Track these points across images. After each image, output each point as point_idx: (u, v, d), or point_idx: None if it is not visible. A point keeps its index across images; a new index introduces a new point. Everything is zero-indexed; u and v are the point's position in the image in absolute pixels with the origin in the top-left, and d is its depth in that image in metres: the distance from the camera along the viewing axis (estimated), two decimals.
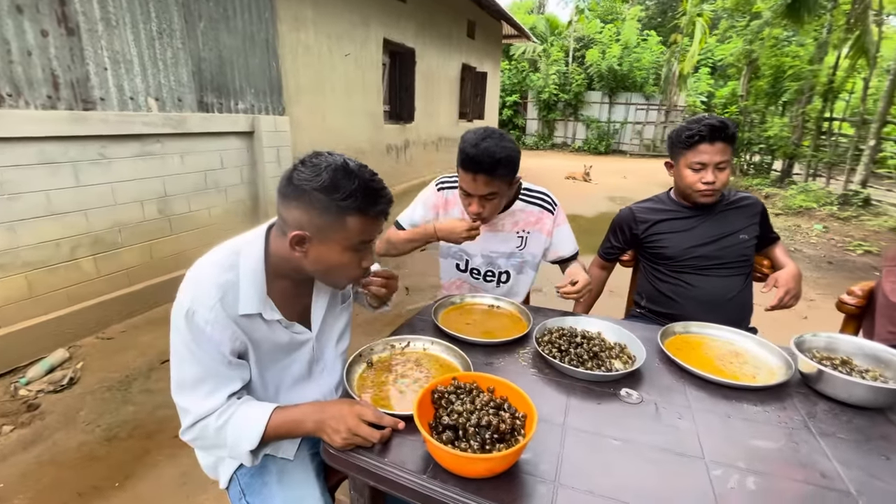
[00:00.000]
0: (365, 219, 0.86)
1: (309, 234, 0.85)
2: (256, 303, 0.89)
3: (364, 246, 0.90)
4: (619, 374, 1.00)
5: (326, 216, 0.83)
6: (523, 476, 0.75)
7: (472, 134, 1.31)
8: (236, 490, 1.00)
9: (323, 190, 0.82)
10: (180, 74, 2.99)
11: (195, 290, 0.85)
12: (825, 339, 1.08)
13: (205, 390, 0.87)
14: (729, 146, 1.42)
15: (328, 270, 0.91)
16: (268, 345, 0.95)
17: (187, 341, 0.85)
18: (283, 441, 1.00)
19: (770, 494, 0.72)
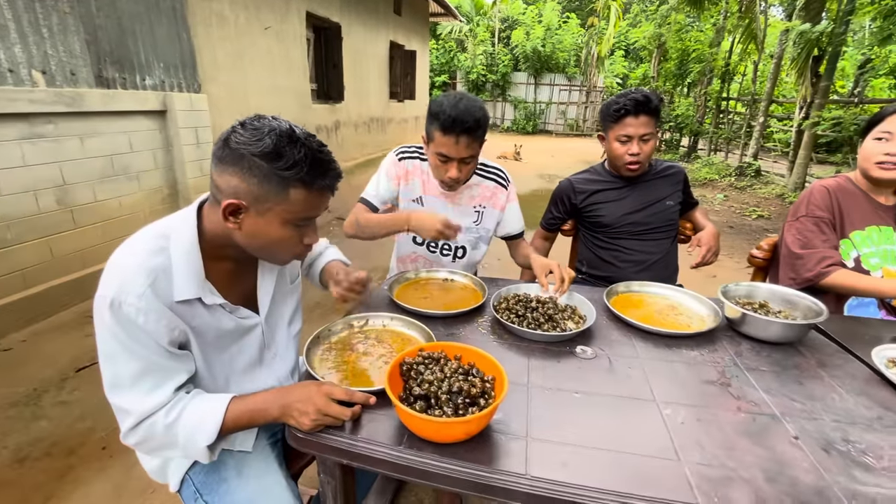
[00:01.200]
0: (309, 192, 0.79)
1: (245, 204, 0.77)
2: (194, 287, 0.81)
3: (306, 222, 0.83)
4: (573, 332, 1.05)
5: (266, 185, 0.76)
6: (496, 436, 0.77)
7: (446, 98, 1.29)
8: (190, 491, 0.92)
9: (264, 156, 0.74)
10: (71, 44, 2.61)
11: (119, 279, 0.76)
12: (745, 288, 1.21)
13: (146, 386, 0.78)
14: (653, 119, 1.51)
15: (265, 246, 0.83)
16: (212, 332, 0.87)
17: (117, 335, 0.75)
18: (238, 433, 0.94)
19: (714, 425, 0.80)
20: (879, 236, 1.38)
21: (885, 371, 0.92)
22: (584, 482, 0.67)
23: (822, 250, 1.35)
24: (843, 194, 1.43)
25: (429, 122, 1.32)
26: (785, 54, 6.06)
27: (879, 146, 1.32)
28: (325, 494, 0.88)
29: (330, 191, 0.83)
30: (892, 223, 1.38)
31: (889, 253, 1.36)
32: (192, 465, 0.94)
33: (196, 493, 0.91)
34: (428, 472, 0.72)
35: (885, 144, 1.31)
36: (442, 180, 1.40)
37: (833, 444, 0.76)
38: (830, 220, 1.40)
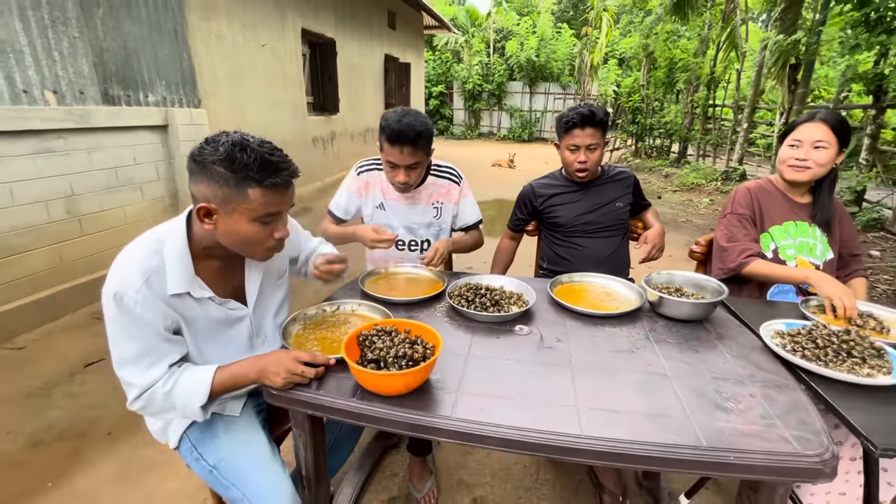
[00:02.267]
0: (264, 190, 0.90)
1: (214, 207, 0.90)
2: (184, 282, 0.96)
3: (271, 217, 0.95)
4: (512, 314, 1.23)
5: (227, 187, 0.89)
6: (433, 390, 0.95)
7: (392, 113, 1.49)
8: (187, 447, 1.10)
9: (221, 162, 0.87)
10: (80, 65, 2.83)
11: (121, 276, 0.92)
12: (665, 276, 1.39)
13: (145, 364, 0.95)
14: (599, 130, 1.70)
15: (241, 243, 0.96)
16: (203, 322, 1.03)
17: (121, 322, 0.92)
18: (228, 401, 1.11)
19: (612, 382, 0.98)
20: (796, 230, 1.55)
21: (767, 340, 1.10)
22: (494, 422, 0.85)
23: (744, 243, 1.53)
24: (763, 194, 1.61)
25: (379, 134, 1.52)
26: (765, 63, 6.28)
27: (791, 151, 1.50)
28: (297, 445, 1.06)
29: (282, 187, 0.93)
30: (806, 219, 1.56)
31: (804, 244, 1.54)
32: (189, 426, 1.11)
33: (192, 448, 1.09)
34: (376, 417, 0.90)
35: (795, 150, 1.49)
36: (393, 183, 1.60)
37: (705, 395, 0.93)
38: (751, 216, 1.58)
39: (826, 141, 1.45)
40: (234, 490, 1.01)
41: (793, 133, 1.51)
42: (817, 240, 1.54)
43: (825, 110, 1.51)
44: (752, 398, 0.92)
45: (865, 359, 0.99)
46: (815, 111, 1.51)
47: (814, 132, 1.45)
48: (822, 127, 1.45)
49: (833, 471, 0.76)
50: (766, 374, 1.00)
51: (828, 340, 1.05)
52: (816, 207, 1.56)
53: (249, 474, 1.02)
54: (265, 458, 1.06)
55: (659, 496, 1.59)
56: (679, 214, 6.17)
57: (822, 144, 1.45)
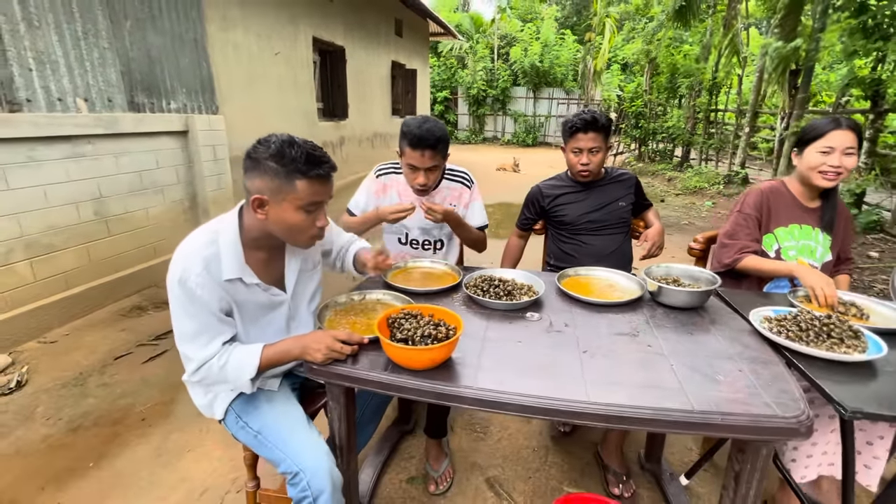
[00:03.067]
0: (309, 181, 1.03)
1: (266, 198, 1.03)
2: (237, 269, 1.10)
3: (314, 207, 1.08)
4: (524, 302, 1.35)
5: (278, 180, 1.02)
6: (455, 366, 1.07)
7: (413, 120, 1.63)
8: (233, 417, 1.23)
9: (273, 158, 1.01)
10: (109, 75, 2.99)
11: (184, 262, 1.06)
12: (664, 269, 1.51)
13: (202, 341, 1.09)
14: (601, 134, 1.82)
15: (288, 230, 1.08)
16: (250, 305, 1.18)
17: (183, 303, 1.06)
18: (267, 379, 1.25)
19: (615, 360, 1.10)
20: (800, 233, 1.64)
21: (756, 324, 1.21)
22: (512, 390, 0.97)
23: (742, 241, 1.64)
24: (775, 196, 1.67)
25: (401, 139, 1.66)
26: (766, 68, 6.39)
27: (823, 158, 1.52)
28: (332, 417, 1.18)
29: (325, 178, 1.07)
30: (813, 223, 1.63)
31: (805, 247, 1.63)
32: (234, 399, 1.24)
33: (237, 418, 1.22)
34: (405, 387, 1.02)
35: (828, 157, 1.51)
36: (412, 185, 1.74)
37: (697, 370, 1.05)
38: (758, 217, 1.65)
39: (854, 147, 1.50)
40: (277, 451, 1.14)
41: (822, 140, 1.52)
42: (819, 243, 1.62)
43: (845, 117, 1.55)
44: (740, 372, 1.03)
45: (843, 339, 1.11)
46: (836, 117, 1.55)
47: (844, 139, 1.49)
48: (850, 134, 1.49)
49: (808, 430, 0.88)
50: (753, 353, 1.12)
51: (810, 324, 1.16)
52: (826, 211, 1.62)
53: (290, 437, 1.14)
54: (302, 424, 1.18)
55: (660, 476, 1.70)
56: (682, 217, 6.28)
57: (852, 151, 1.50)
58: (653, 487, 1.70)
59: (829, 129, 1.51)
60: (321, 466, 1.10)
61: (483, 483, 1.71)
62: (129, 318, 2.97)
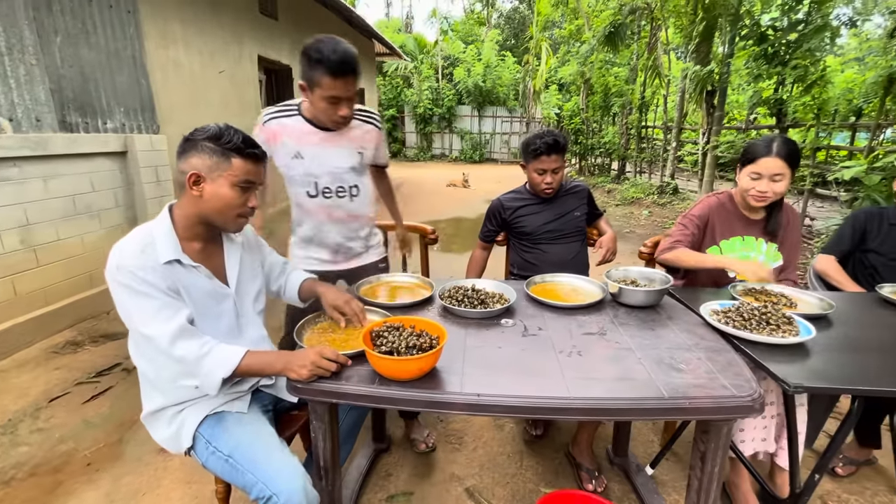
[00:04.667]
0: (244, 159, 1.10)
1: (202, 174, 1.09)
2: (172, 251, 1.10)
3: (248, 185, 1.13)
4: (498, 310, 1.41)
5: (214, 157, 1.09)
6: (441, 374, 1.10)
7: (320, 44, 1.40)
8: (202, 444, 1.18)
9: (211, 139, 1.09)
10: (36, 93, 2.77)
11: (118, 253, 1.06)
12: (623, 272, 1.63)
13: (164, 316, 1.06)
14: (561, 155, 1.95)
15: (221, 207, 1.11)
16: (197, 292, 1.15)
17: (129, 287, 1.04)
18: (235, 401, 1.22)
19: (588, 357, 1.17)
20: (742, 244, 1.78)
21: (707, 317, 1.34)
22: (498, 393, 1.01)
23: (675, 237, 1.79)
24: (719, 209, 1.80)
25: (311, 69, 1.42)
26: (686, 89, 7.05)
27: (752, 183, 1.66)
28: (315, 437, 1.16)
29: (259, 160, 1.14)
30: (756, 234, 1.77)
31: (747, 258, 1.78)
32: (201, 423, 1.18)
33: (206, 443, 1.17)
34: (395, 398, 1.03)
35: (757, 182, 1.66)
36: (335, 120, 1.55)
37: (662, 361, 1.15)
38: (699, 226, 1.79)
39: (782, 173, 1.61)
40: (249, 475, 1.10)
41: (753, 165, 1.64)
42: (762, 253, 1.76)
43: (780, 141, 1.63)
44: (699, 360, 1.14)
45: (779, 325, 1.26)
46: (770, 139, 1.64)
47: (772, 166, 1.60)
48: (779, 161, 1.59)
49: (761, 407, 0.99)
50: (707, 343, 1.24)
51: (751, 314, 1.31)
52: (770, 223, 1.75)
53: (263, 460, 1.11)
54: (275, 444, 1.15)
55: (628, 468, 1.79)
56: (623, 226, 6.70)
57: (779, 178, 1.61)
58: (622, 480, 1.79)
59: (761, 156, 1.62)
60: (296, 488, 1.07)
61: (463, 493, 1.72)
62: (63, 355, 2.71)
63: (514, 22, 23.30)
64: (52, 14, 2.86)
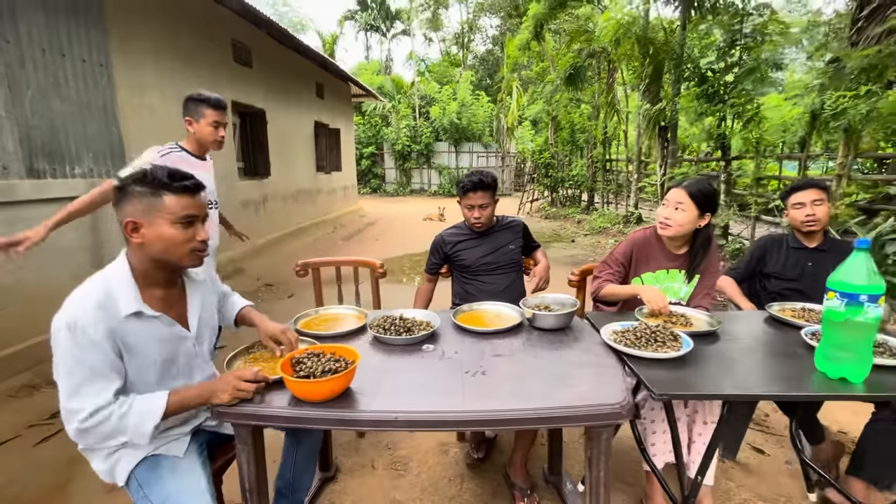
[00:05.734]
0: (176, 195, 1.09)
1: (138, 220, 1.08)
2: (134, 304, 1.10)
3: (188, 220, 1.12)
4: (420, 336, 1.54)
5: (145, 200, 1.08)
6: (355, 395, 1.21)
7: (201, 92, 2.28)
8: (135, 485, 1.20)
9: (137, 182, 1.08)
10: (5, 143, 2.90)
11: (75, 307, 1.05)
12: (539, 298, 1.79)
13: (97, 388, 1.07)
14: (488, 192, 2.13)
15: (168, 247, 1.10)
16: (151, 341, 1.15)
17: (71, 350, 1.04)
18: (171, 442, 1.24)
19: (493, 377, 1.30)
20: (666, 277, 1.94)
21: (604, 337, 1.49)
22: (401, 408, 1.13)
23: (605, 277, 1.96)
24: (644, 245, 1.95)
25: (197, 106, 2.22)
26: (641, 125, 7.51)
27: (661, 209, 1.87)
28: (240, 460, 1.25)
29: (193, 192, 1.13)
30: (679, 267, 1.92)
31: (669, 288, 1.93)
32: (137, 465, 1.19)
33: (139, 486, 1.19)
34: (307, 418, 1.14)
35: (664, 210, 1.86)
36: (217, 140, 2.30)
37: (558, 377, 1.28)
38: (623, 262, 1.95)
39: (684, 204, 1.76)
40: None
41: (666, 195, 1.85)
42: (682, 283, 1.92)
43: (692, 180, 1.81)
44: (589, 375, 1.29)
45: (665, 342, 1.41)
46: (683, 179, 1.84)
47: (675, 196, 1.79)
48: (682, 192, 1.77)
49: (628, 413, 1.13)
50: (600, 360, 1.39)
51: (643, 333, 1.47)
52: (692, 257, 1.88)
53: None
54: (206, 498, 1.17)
55: (561, 486, 1.89)
56: (590, 255, 6.95)
57: (682, 207, 1.77)
58: (555, 497, 1.88)
59: (672, 187, 1.83)
60: None
61: None
62: (18, 399, 2.71)
63: (489, 63, 24.47)
64: (24, 69, 3.03)
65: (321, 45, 20.01)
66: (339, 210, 10.62)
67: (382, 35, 24.16)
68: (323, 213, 9.50)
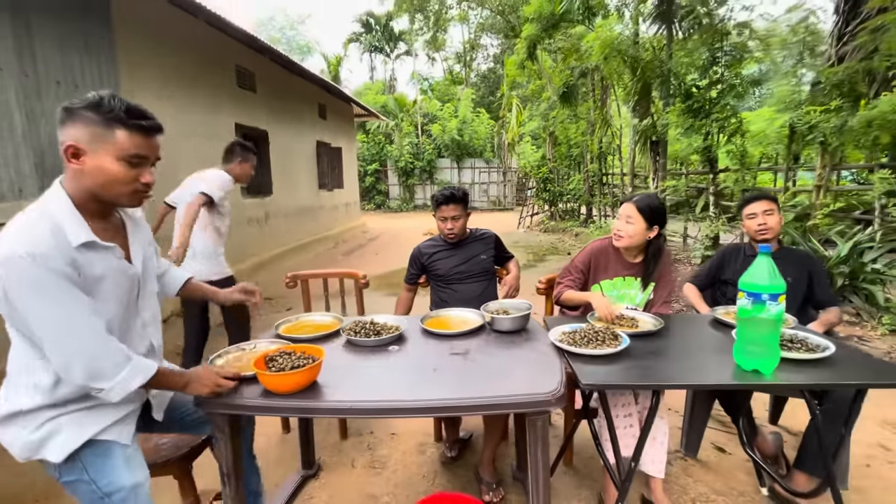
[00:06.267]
0: (129, 131, 1.00)
1: (82, 146, 0.99)
2: (85, 233, 1.01)
3: (138, 160, 1.03)
4: (387, 338, 1.69)
5: (94, 128, 0.98)
6: (320, 388, 1.37)
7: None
8: (77, 467, 1.12)
9: (90, 107, 0.99)
10: (21, 167, 3.15)
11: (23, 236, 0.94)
12: (499, 304, 1.95)
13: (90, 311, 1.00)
14: (460, 205, 2.31)
15: (107, 182, 1.02)
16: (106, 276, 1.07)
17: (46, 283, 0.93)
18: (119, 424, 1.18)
19: (445, 373, 1.45)
20: (622, 284, 2.08)
21: (552, 337, 1.64)
22: (357, 399, 1.29)
23: (565, 283, 2.12)
24: (600, 254, 2.11)
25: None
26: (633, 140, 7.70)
27: (615, 223, 2.04)
28: (218, 446, 1.40)
29: (149, 132, 1.04)
30: (635, 274, 2.07)
31: (625, 294, 2.08)
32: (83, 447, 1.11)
33: (83, 469, 1.12)
34: (276, 407, 1.30)
35: (617, 222, 2.03)
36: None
37: (503, 372, 1.43)
38: (583, 270, 2.10)
39: (633, 217, 1.91)
40: None
41: (619, 208, 2.06)
42: (638, 290, 2.06)
43: (642, 195, 1.96)
44: (532, 370, 1.43)
45: (605, 340, 1.56)
46: (634, 195, 2.08)
47: (626, 210, 1.96)
48: (632, 207, 1.93)
49: (558, 402, 1.27)
50: (544, 357, 1.53)
51: (587, 333, 1.62)
52: (644, 267, 2.03)
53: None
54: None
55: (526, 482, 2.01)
56: None
57: (631, 220, 1.93)
58: (520, 492, 2.00)
59: (624, 202, 2.01)
60: None
61: None
62: None
63: (490, 81, 24.98)
64: (40, 99, 3.30)
65: (326, 66, 20.61)
66: (342, 226, 10.86)
67: (386, 56, 24.83)
68: (325, 230, 9.73)
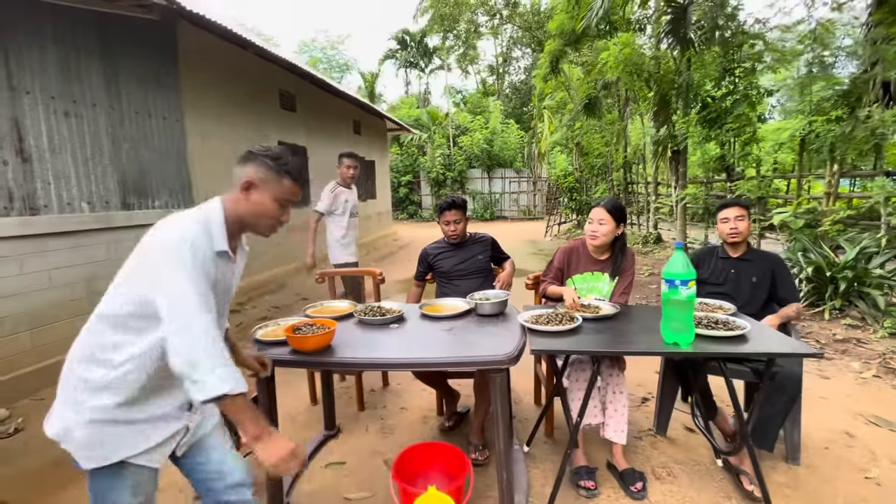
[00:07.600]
0: (293, 182, 1.28)
1: (255, 182, 1.23)
2: (224, 243, 1.21)
3: (286, 203, 1.29)
4: (389, 318, 2.12)
5: (269, 173, 1.24)
6: (335, 349, 1.80)
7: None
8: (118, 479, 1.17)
9: (271, 157, 1.26)
10: (108, 183, 3.84)
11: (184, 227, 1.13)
12: (483, 293, 2.33)
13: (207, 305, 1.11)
14: (459, 211, 2.73)
15: (260, 213, 1.26)
16: (222, 284, 1.25)
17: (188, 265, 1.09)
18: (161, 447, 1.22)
19: (430, 341, 1.86)
20: (591, 277, 2.43)
21: (521, 319, 2.00)
22: (359, 356, 1.72)
23: (547, 280, 2.48)
24: (572, 252, 2.47)
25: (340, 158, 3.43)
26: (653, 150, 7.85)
27: (587, 226, 2.39)
28: (261, 397, 1.86)
29: (299, 183, 1.30)
30: (603, 270, 2.41)
31: (594, 287, 2.42)
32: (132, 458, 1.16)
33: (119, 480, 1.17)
34: (301, 361, 1.75)
35: (589, 226, 2.37)
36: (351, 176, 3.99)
37: (475, 343, 1.82)
38: (559, 268, 2.46)
39: (605, 219, 2.26)
40: None
41: (590, 215, 2.40)
42: (605, 283, 2.40)
43: (607, 199, 2.36)
44: (499, 341, 1.81)
45: (561, 321, 1.92)
46: (601, 199, 2.35)
47: (597, 214, 2.29)
48: (602, 210, 2.27)
49: (511, 362, 1.64)
50: (511, 333, 1.90)
51: (550, 316, 1.98)
52: (612, 263, 2.41)
53: None
54: None
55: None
56: None
57: (603, 222, 2.27)
58: None
59: (593, 207, 2.35)
60: None
61: (382, 463, 2.34)
62: None
63: (521, 92, 25.33)
64: (123, 127, 4.00)
65: (363, 83, 21.65)
66: (374, 234, 11.48)
67: (421, 70, 25.73)
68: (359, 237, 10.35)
